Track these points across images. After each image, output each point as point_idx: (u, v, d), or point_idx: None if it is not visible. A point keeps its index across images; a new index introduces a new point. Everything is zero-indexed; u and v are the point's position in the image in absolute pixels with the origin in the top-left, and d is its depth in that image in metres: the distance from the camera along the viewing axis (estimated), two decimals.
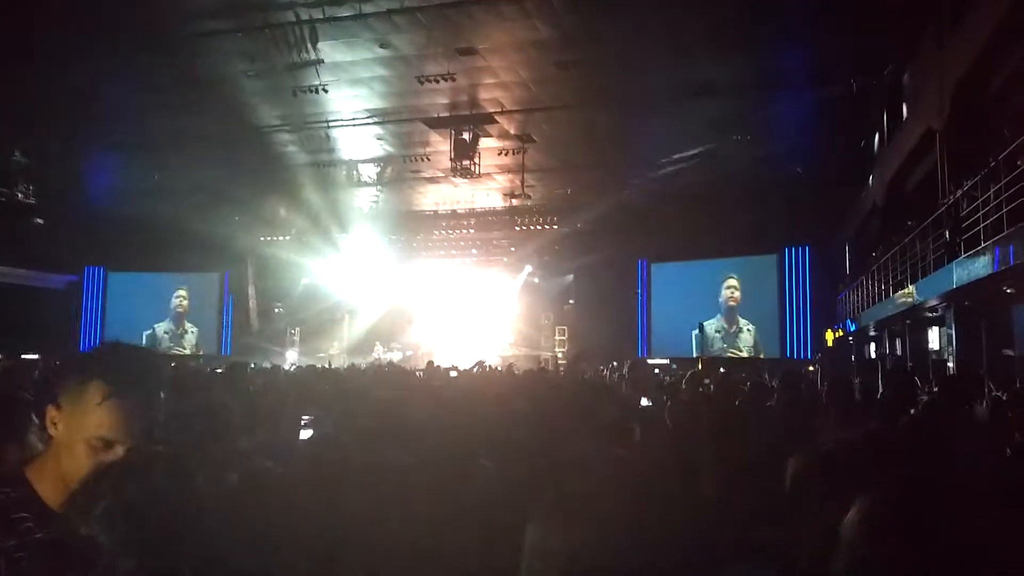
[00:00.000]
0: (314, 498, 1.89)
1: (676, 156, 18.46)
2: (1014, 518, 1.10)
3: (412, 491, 2.07)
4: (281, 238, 26.26)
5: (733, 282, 23.22)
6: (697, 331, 21.15)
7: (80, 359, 1.69)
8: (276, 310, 27.44)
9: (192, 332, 27.17)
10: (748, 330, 22.92)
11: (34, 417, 2.25)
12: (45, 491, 1.58)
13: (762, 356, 21.89)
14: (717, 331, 23.08)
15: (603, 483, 1.61)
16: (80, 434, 1.57)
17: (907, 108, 13.70)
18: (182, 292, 27.25)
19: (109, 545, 0.99)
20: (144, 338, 25.36)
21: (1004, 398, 5.46)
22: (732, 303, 23.18)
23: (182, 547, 1.02)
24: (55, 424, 1.61)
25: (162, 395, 1.69)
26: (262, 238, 26.05)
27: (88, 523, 1.02)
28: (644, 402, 6.49)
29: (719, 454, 2.95)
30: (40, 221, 21.01)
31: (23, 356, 17.08)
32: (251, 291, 27.48)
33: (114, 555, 0.99)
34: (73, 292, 26.86)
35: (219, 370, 9.42)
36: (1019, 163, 8.17)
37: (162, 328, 27.07)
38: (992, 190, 8.69)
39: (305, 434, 3.76)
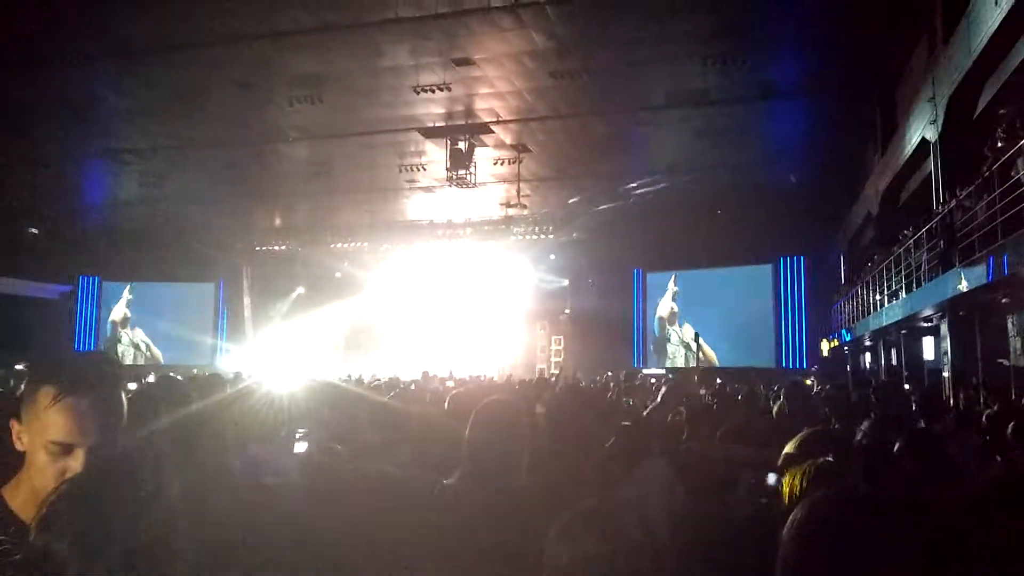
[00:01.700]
0: (306, 511, 1.87)
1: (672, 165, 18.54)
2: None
3: (407, 504, 2.05)
4: (277, 248, 26.24)
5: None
6: (693, 341, 21.18)
7: (32, 366, 1.68)
8: (271, 320, 27.36)
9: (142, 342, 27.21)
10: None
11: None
12: (20, 508, 1.56)
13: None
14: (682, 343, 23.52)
15: (620, 501, 1.61)
16: (38, 441, 1.56)
17: (901, 118, 13.77)
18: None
19: (76, 561, 0.98)
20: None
21: (996, 410, 5.47)
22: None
23: (156, 558, 1.00)
24: (20, 438, 1.60)
25: (121, 397, 1.65)
26: (257, 248, 26.03)
27: (53, 539, 1.00)
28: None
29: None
30: (35, 231, 20.96)
31: (16, 367, 17.00)
32: (246, 301, 27.44)
33: (83, 570, 0.97)
34: (67, 302, 26.77)
35: (213, 380, 9.36)
36: (1013, 173, 8.20)
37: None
38: (986, 200, 8.73)
39: (299, 447, 3.74)
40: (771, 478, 2.52)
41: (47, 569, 0.98)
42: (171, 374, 14.45)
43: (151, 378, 13.66)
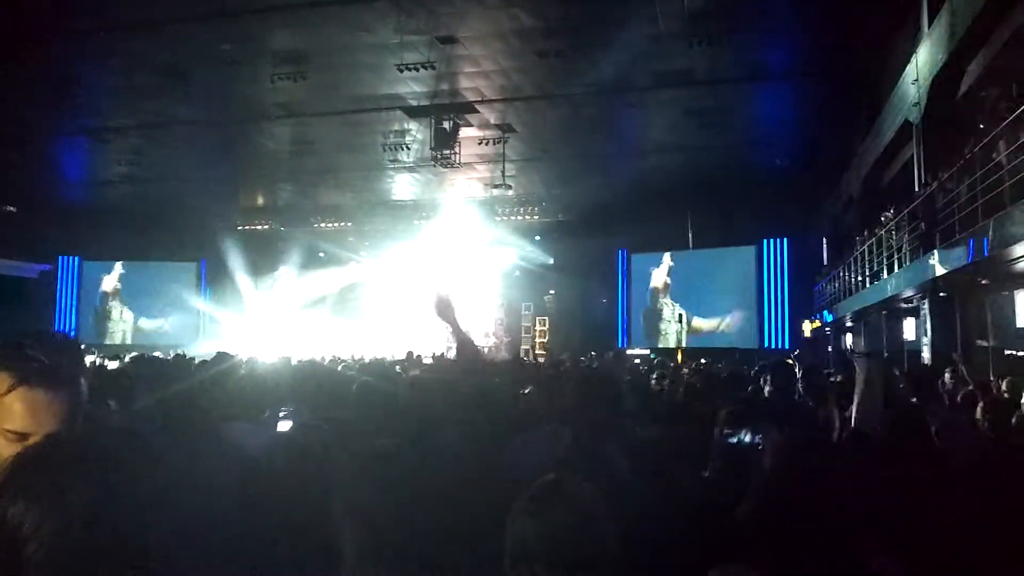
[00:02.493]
0: (291, 485, 1.88)
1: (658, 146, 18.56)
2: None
3: (394, 477, 2.06)
4: (260, 227, 26.06)
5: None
6: (678, 321, 21.31)
7: None
8: (254, 300, 27.20)
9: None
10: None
11: None
12: None
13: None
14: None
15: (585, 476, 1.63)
16: None
17: (884, 101, 13.82)
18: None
19: (29, 522, 0.99)
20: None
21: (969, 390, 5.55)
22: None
23: (122, 525, 1.01)
24: None
25: (80, 385, 1.63)
26: (240, 227, 25.84)
27: (6, 503, 1.01)
28: None
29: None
30: (12, 209, 20.68)
31: None
32: (228, 280, 27.25)
33: (37, 531, 0.98)
34: (47, 281, 26.49)
35: (197, 360, 9.33)
36: (994, 155, 8.27)
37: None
38: (967, 182, 8.80)
39: (284, 425, 3.74)
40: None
41: (6, 538, 0.99)
42: (156, 354, 14.38)
43: (128, 357, 13.57)
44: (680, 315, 20.53)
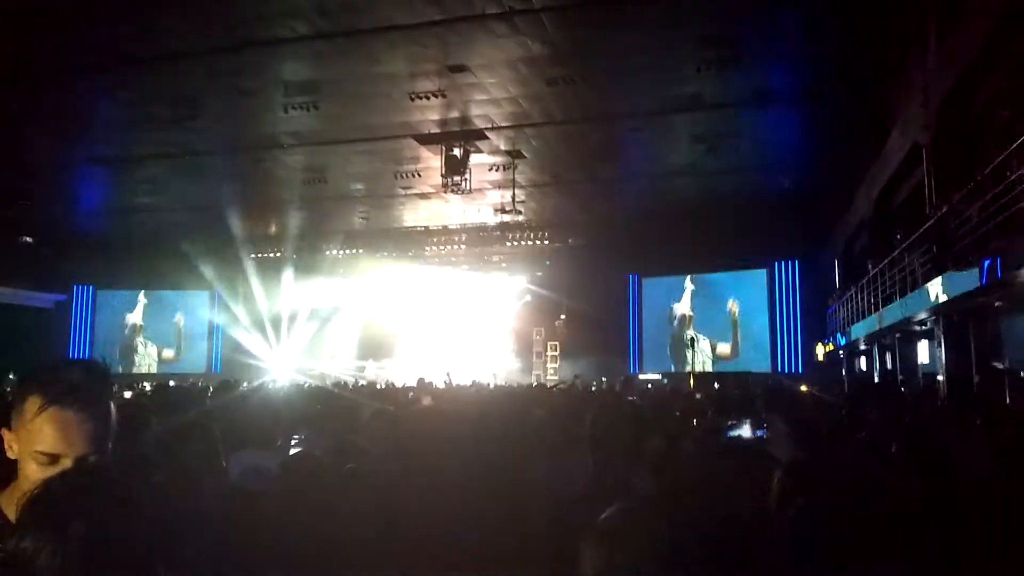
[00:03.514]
0: (290, 515, 1.88)
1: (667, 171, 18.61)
2: None
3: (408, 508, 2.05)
4: (272, 255, 26.22)
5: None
6: (688, 347, 21.20)
7: (20, 377, 1.67)
8: (267, 326, 27.30)
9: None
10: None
11: None
12: (13, 514, 1.57)
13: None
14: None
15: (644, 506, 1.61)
16: (26, 450, 1.56)
17: (894, 123, 13.83)
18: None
19: (47, 558, 1.00)
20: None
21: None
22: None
23: (135, 558, 1.02)
24: (11, 446, 1.60)
25: (109, 407, 1.64)
26: (253, 255, 26.00)
27: (27, 539, 1.03)
28: None
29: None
30: (29, 239, 20.91)
31: (9, 376, 16.94)
32: (241, 308, 27.39)
33: (54, 568, 0.99)
34: (62, 311, 26.70)
35: (210, 388, 9.37)
36: (1008, 174, 8.24)
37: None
38: (979, 204, 8.77)
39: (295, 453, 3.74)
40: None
41: (23, 568, 1.00)
42: (171, 383, 14.42)
43: (147, 385, 13.66)
44: (692, 339, 20.42)
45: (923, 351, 13.33)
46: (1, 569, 1.02)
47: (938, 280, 9.87)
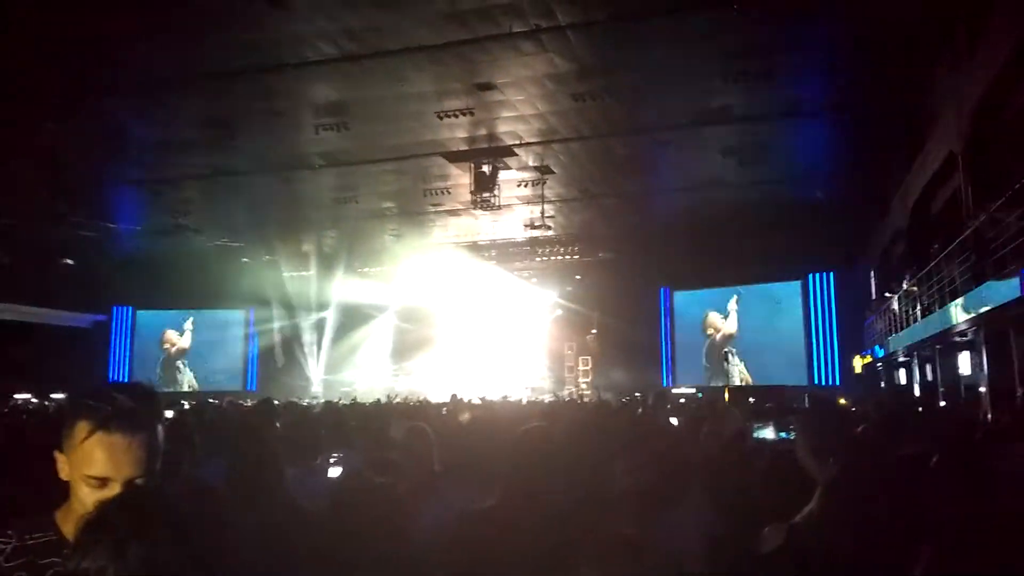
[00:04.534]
0: (338, 537, 1.89)
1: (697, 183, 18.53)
2: None
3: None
4: (305, 273, 26.53)
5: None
6: (724, 360, 20.98)
7: (69, 399, 1.70)
8: (302, 345, 27.58)
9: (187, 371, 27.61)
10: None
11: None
12: (70, 533, 1.61)
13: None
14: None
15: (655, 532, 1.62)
16: (77, 473, 1.60)
17: (928, 132, 13.64)
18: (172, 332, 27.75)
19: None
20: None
21: None
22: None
23: None
24: (63, 468, 1.64)
25: (157, 431, 1.66)
26: (287, 274, 26.33)
27: (84, 561, 1.06)
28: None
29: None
30: (70, 262, 21.37)
31: (51, 396, 17.32)
32: (276, 326, 27.74)
33: None
34: (101, 331, 27.21)
35: (248, 405, 9.48)
36: None
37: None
38: (1018, 212, 8.61)
39: (334, 472, 3.77)
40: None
41: None
42: (211, 400, 14.57)
43: (186, 404, 13.84)
44: (725, 352, 20.22)
45: (964, 362, 13.05)
46: None
47: (978, 290, 9.69)
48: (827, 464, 2.38)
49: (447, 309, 28.00)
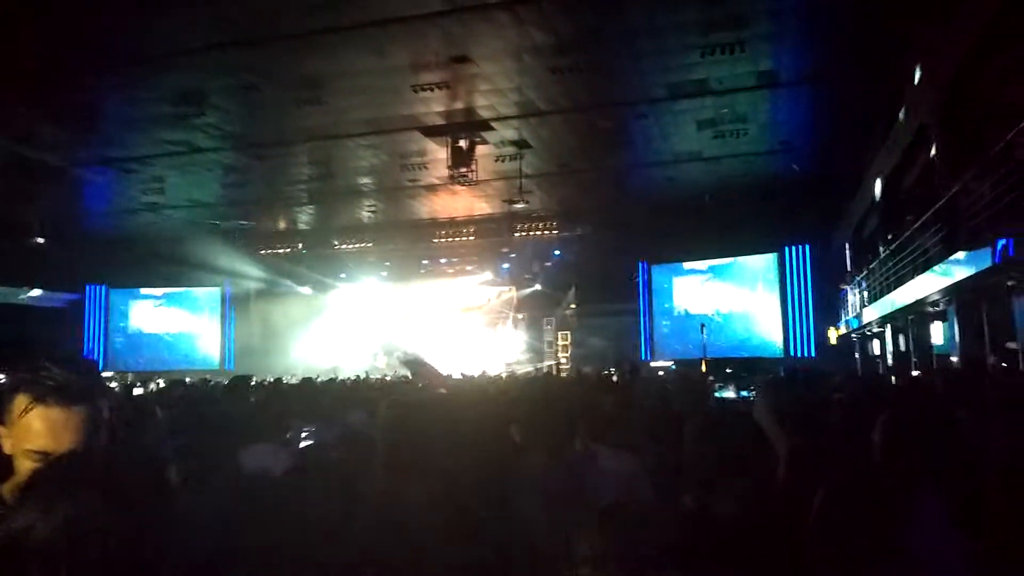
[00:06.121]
0: (299, 506, 1.88)
1: (674, 157, 18.56)
2: None
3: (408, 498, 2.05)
4: (281, 250, 26.33)
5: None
6: (701, 332, 21.12)
7: (8, 376, 1.70)
8: (277, 322, 27.44)
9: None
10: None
11: None
12: None
13: None
14: None
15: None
16: (18, 448, 1.60)
17: (902, 104, 13.72)
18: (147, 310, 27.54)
19: (42, 538, 1.03)
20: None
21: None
22: None
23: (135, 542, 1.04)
24: (6, 441, 1.64)
25: (98, 405, 1.66)
26: (262, 251, 26.13)
27: (19, 517, 1.06)
28: None
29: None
30: (41, 241, 21.02)
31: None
32: (253, 304, 27.57)
33: (51, 546, 1.02)
34: (75, 311, 26.89)
35: (223, 383, 9.41)
36: (1020, 153, 8.16)
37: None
38: (989, 183, 8.70)
39: (306, 444, 3.76)
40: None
41: (18, 549, 1.02)
42: (187, 379, 14.49)
43: (160, 382, 13.76)
44: (702, 325, 20.31)
45: (937, 332, 13.26)
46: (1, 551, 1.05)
47: (950, 261, 9.80)
48: (784, 426, 2.40)
49: (425, 286, 27.97)
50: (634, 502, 1.78)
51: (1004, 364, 9.51)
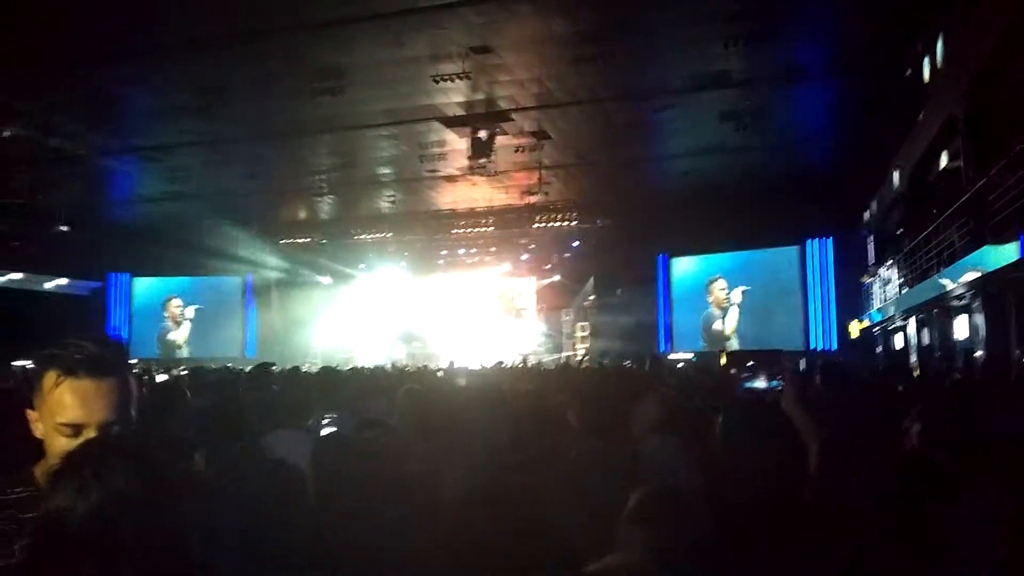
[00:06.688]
0: (322, 491, 1.90)
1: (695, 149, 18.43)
2: None
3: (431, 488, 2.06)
4: (302, 240, 26.47)
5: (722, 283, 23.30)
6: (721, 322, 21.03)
7: (36, 354, 1.72)
8: (298, 311, 27.63)
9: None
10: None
11: None
12: None
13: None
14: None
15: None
16: (50, 424, 1.61)
17: (927, 96, 13.53)
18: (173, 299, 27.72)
19: (77, 518, 1.04)
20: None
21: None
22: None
23: (163, 524, 1.05)
24: (36, 425, 1.65)
25: (127, 377, 1.67)
26: (283, 241, 26.29)
27: (57, 497, 1.07)
28: None
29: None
30: (65, 228, 21.27)
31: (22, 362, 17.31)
32: (274, 293, 27.78)
33: (84, 528, 1.03)
34: (98, 298, 27.19)
35: (242, 372, 9.50)
36: None
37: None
38: (1016, 176, 8.57)
39: (327, 432, 3.79)
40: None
41: (54, 532, 1.04)
42: (210, 366, 14.61)
43: (183, 370, 13.89)
44: (723, 320, 20.24)
45: (961, 326, 13.10)
46: (37, 534, 1.07)
47: (977, 253, 9.68)
48: (812, 416, 2.39)
49: (444, 277, 28.05)
50: (683, 490, 1.78)
51: None
